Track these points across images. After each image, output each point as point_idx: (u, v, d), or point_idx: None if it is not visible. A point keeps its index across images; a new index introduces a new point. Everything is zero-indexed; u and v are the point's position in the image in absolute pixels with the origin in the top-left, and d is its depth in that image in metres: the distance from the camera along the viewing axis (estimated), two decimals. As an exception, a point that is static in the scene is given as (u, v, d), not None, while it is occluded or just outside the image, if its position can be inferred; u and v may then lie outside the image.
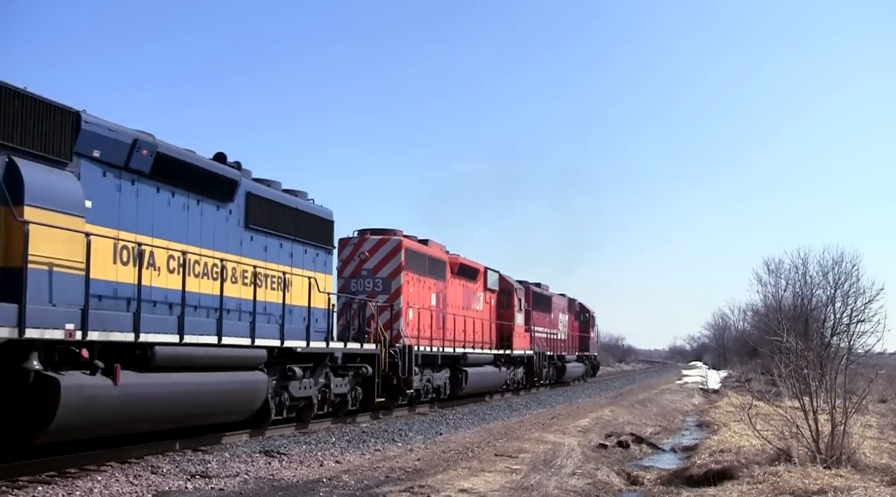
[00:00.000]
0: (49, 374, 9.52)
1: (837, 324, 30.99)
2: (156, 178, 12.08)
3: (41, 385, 9.42)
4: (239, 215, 14.19)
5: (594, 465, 13.68)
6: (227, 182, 13.75)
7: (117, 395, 10.40)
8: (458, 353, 24.17)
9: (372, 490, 10.03)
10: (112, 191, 11.32)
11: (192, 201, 13.00)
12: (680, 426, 24.17)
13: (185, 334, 11.87)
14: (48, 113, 10.11)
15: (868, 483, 10.77)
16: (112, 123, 11.28)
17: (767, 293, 47.23)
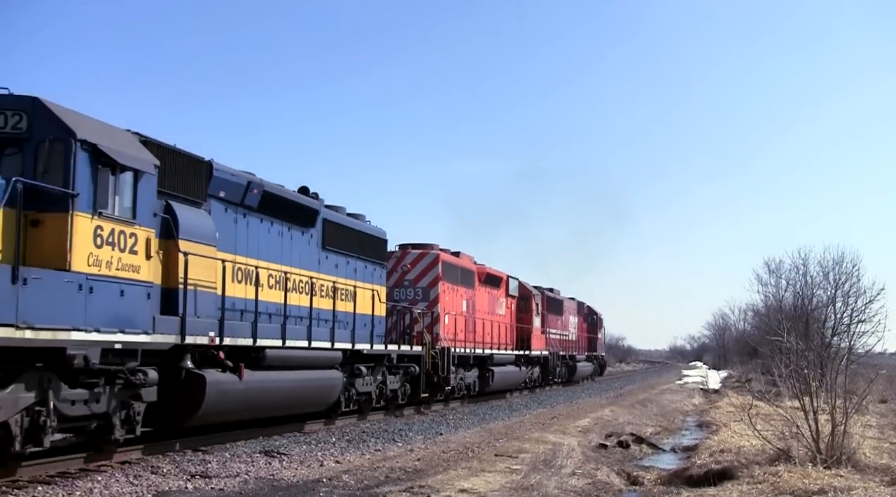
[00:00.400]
0: (198, 372, 12.20)
1: (838, 324, 31.03)
2: (261, 212, 14.68)
3: (192, 380, 12.10)
4: (318, 238, 16.82)
5: (594, 465, 13.68)
6: (311, 211, 16.48)
7: (241, 388, 13.07)
8: (486, 354, 26.58)
9: (372, 490, 10.03)
10: (231, 223, 13.86)
11: (285, 228, 15.59)
12: (680, 426, 24.17)
13: (287, 339, 14.62)
14: (191, 164, 12.66)
15: (868, 483, 10.77)
16: (232, 169, 13.86)
17: (768, 293, 47.26)
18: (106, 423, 10.71)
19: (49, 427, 9.62)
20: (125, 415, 11.02)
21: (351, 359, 17.19)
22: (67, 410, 10.03)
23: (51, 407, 9.65)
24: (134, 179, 10.86)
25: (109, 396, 10.67)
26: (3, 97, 10.02)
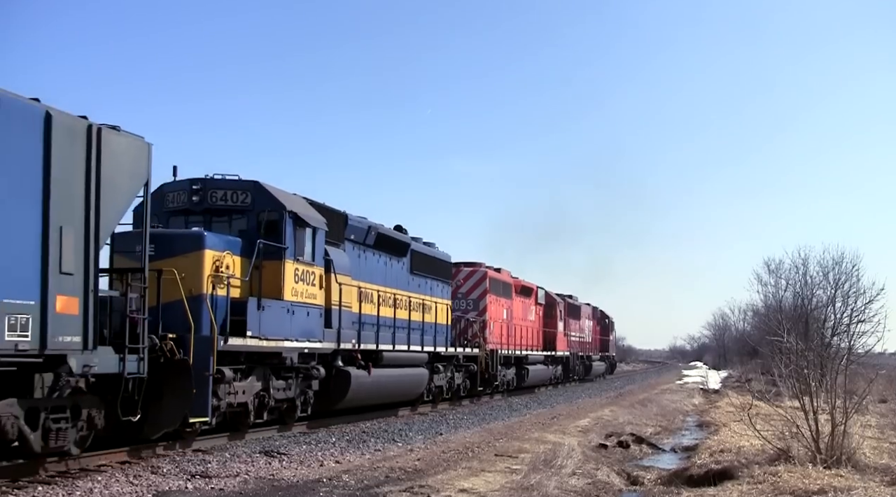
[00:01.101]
0: (345, 369, 16.75)
1: (838, 324, 30.92)
2: (375, 248, 19.20)
3: (341, 375, 16.58)
4: (408, 265, 21.11)
5: (594, 465, 13.68)
6: (404, 245, 21.00)
7: (370, 381, 17.71)
8: (522, 355, 31.23)
9: (372, 490, 10.03)
10: (356, 258, 18.16)
11: (388, 259, 20.01)
12: (680, 426, 24.18)
13: (395, 344, 19.31)
14: (336, 217, 17.06)
15: (868, 483, 10.78)
16: (358, 217, 18.34)
17: (768, 293, 47.32)
18: (290, 405, 15.20)
19: (267, 406, 14.25)
20: (303, 399, 15.49)
21: (431, 359, 21.74)
22: (277, 395, 14.58)
23: (270, 392, 14.27)
24: (313, 234, 15.21)
25: (296, 386, 15.21)
26: (234, 181, 14.35)
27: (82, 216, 9.68)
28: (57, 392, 9.65)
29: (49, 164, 9.16)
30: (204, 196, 14.21)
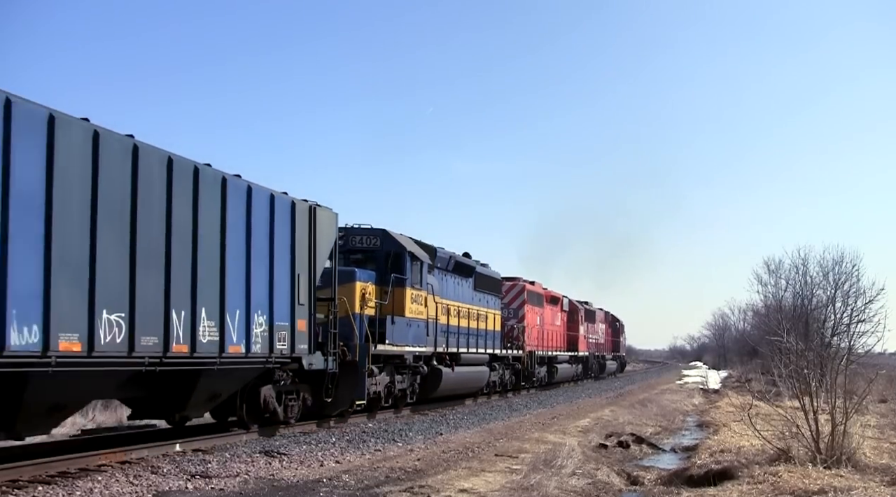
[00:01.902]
0: (438, 367, 21.60)
1: (838, 324, 30.96)
2: (452, 272, 23.96)
3: (434, 372, 21.37)
4: (472, 283, 25.83)
5: (594, 466, 13.68)
6: (471, 268, 25.81)
7: (453, 376, 22.46)
8: (552, 355, 36.32)
9: (372, 490, 10.03)
10: (441, 280, 22.67)
11: (461, 279, 24.75)
12: (680, 426, 24.18)
13: (468, 348, 24.09)
14: (431, 250, 21.68)
15: (868, 483, 10.77)
16: (442, 248, 22.86)
17: (767, 293, 47.22)
18: (403, 393, 20.11)
19: (393, 394, 19.48)
20: (411, 389, 20.49)
21: (490, 359, 26.62)
22: (398, 386, 19.64)
23: (395, 384, 19.44)
24: (421, 266, 20.31)
25: (408, 379, 20.26)
26: (368, 228, 19.40)
27: (307, 266, 14.82)
28: (289, 381, 15.10)
29: (294, 235, 14.39)
30: (347, 240, 18.78)
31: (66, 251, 9.53)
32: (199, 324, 11.86)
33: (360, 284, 17.77)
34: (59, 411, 10.80)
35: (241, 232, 12.87)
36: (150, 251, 10.89)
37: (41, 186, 9.22)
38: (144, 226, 10.73)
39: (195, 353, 11.73)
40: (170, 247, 11.28)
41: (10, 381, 9.28)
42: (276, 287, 13.70)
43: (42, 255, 9.21)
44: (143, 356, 10.80)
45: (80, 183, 9.78)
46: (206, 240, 11.95)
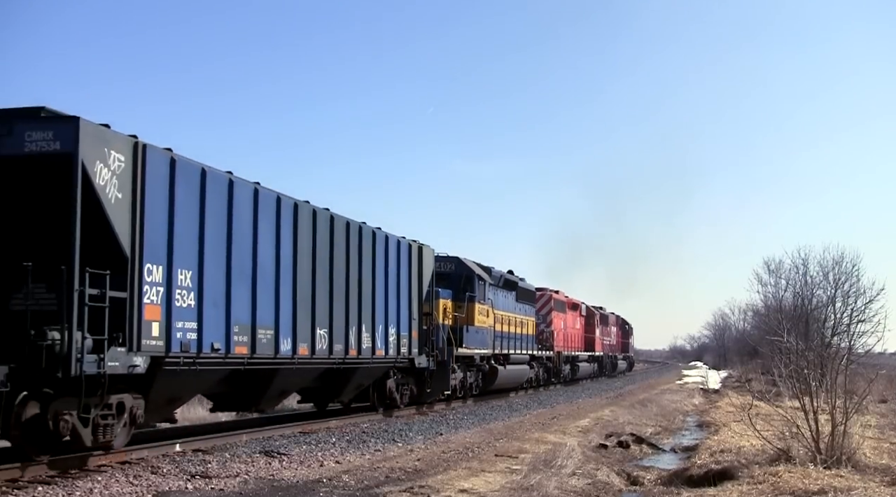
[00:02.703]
0: (496, 365, 26.24)
1: (838, 324, 30.99)
2: (502, 287, 28.63)
3: (492, 369, 26.01)
4: (514, 296, 30.38)
5: (594, 466, 13.68)
6: (514, 283, 30.52)
7: (505, 373, 27.26)
8: (574, 355, 41.29)
9: (372, 490, 10.03)
10: (494, 294, 27.24)
11: (507, 293, 29.34)
12: (680, 426, 24.18)
13: (514, 350, 29.30)
14: (487, 269, 26.56)
15: (868, 483, 10.77)
16: (494, 268, 27.80)
17: (768, 293, 47.33)
18: (470, 387, 24.86)
19: (465, 387, 24.13)
20: (475, 384, 25.28)
21: (529, 359, 31.77)
22: (468, 380, 24.44)
23: (467, 380, 24.24)
24: (485, 284, 25.64)
25: (475, 375, 25.19)
26: (445, 256, 24.18)
27: (417, 288, 20.13)
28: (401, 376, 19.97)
29: (410, 267, 19.60)
30: None
31: (302, 294, 14.61)
32: (362, 336, 17.09)
33: (443, 301, 22.79)
34: (283, 394, 16.22)
35: (382, 269, 18.15)
36: (339, 289, 16.05)
37: (291, 256, 14.29)
38: (337, 273, 15.99)
39: (359, 355, 16.90)
40: (349, 284, 16.48)
41: (268, 374, 14.06)
42: (401, 306, 19.13)
43: (291, 298, 14.27)
44: (336, 358, 15.88)
45: (308, 253, 14.93)
46: (365, 278, 17.23)
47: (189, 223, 11.71)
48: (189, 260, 11.72)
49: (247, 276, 13.01)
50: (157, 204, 11.08)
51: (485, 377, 25.99)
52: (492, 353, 26.29)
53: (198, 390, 13.51)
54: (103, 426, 10.53)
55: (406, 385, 20.34)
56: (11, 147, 9.93)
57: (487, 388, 26.49)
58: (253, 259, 13.15)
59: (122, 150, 10.52)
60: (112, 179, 10.31)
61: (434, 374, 21.31)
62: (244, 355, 12.88)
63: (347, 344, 16.27)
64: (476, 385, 25.42)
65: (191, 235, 11.77)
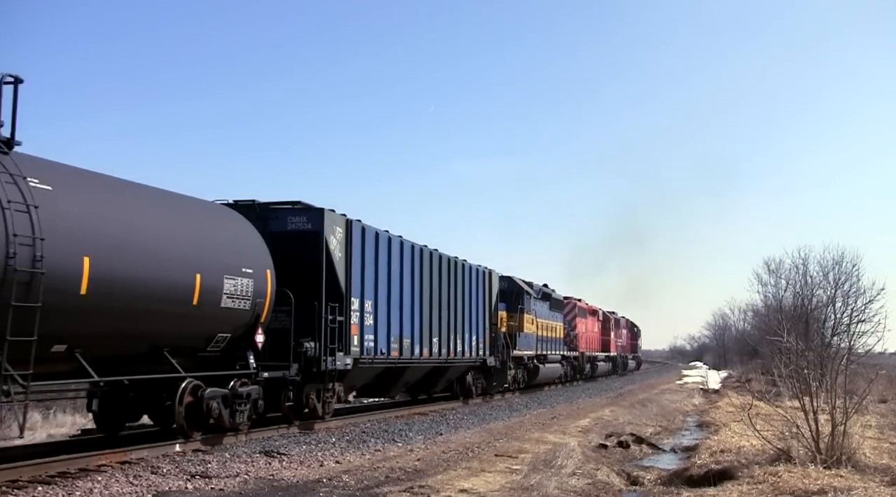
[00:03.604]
0: (538, 364, 32.42)
1: (838, 324, 30.96)
2: (540, 299, 33.46)
3: (535, 366, 32.09)
4: (548, 305, 35.33)
5: (594, 466, 13.67)
6: (549, 294, 35.64)
7: (544, 370, 33.33)
8: (594, 355, 47.05)
9: (372, 490, 10.02)
10: (533, 304, 31.83)
11: (543, 303, 33.97)
12: (680, 426, 24.17)
13: (550, 350, 34.87)
14: (529, 284, 31.83)
15: (868, 483, 10.77)
16: (536, 284, 33.19)
17: (768, 293, 47.28)
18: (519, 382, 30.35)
19: (516, 381, 29.89)
20: (522, 379, 30.64)
21: (561, 359, 37.24)
22: (518, 376, 30.03)
23: (518, 376, 30.21)
24: (530, 297, 30.98)
25: (522, 371, 30.68)
26: (503, 276, 28.59)
27: (487, 305, 25.74)
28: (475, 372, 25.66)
29: (484, 289, 25.46)
30: None
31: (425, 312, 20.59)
32: (456, 342, 22.87)
33: (501, 313, 27.98)
34: (405, 385, 21.86)
35: (467, 291, 23.91)
36: (443, 307, 21.96)
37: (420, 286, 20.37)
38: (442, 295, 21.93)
39: (454, 357, 22.79)
40: (448, 303, 22.34)
41: (402, 370, 19.93)
42: (478, 319, 24.94)
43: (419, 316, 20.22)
44: (441, 359, 21.89)
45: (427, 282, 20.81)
46: (458, 298, 23.19)
47: (370, 268, 17.45)
48: (370, 293, 17.42)
49: (397, 303, 18.90)
50: (356, 257, 16.80)
51: (529, 373, 31.82)
52: (535, 354, 32.14)
53: (363, 381, 18.70)
54: (326, 401, 16.39)
55: (479, 379, 26.36)
56: (280, 226, 15.48)
57: (531, 382, 32.51)
58: (400, 290, 19.10)
59: (340, 225, 16.23)
60: (336, 245, 15.99)
61: (497, 371, 27.15)
62: (396, 357, 18.98)
63: (448, 348, 22.24)
64: (523, 379, 31.23)
65: (371, 276, 17.48)
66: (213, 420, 13.02)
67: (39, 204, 9.59)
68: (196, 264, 12.24)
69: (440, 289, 21.64)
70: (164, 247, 11.71)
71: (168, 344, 12.19)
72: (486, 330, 25.51)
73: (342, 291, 16.00)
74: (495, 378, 27.33)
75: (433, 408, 22.40)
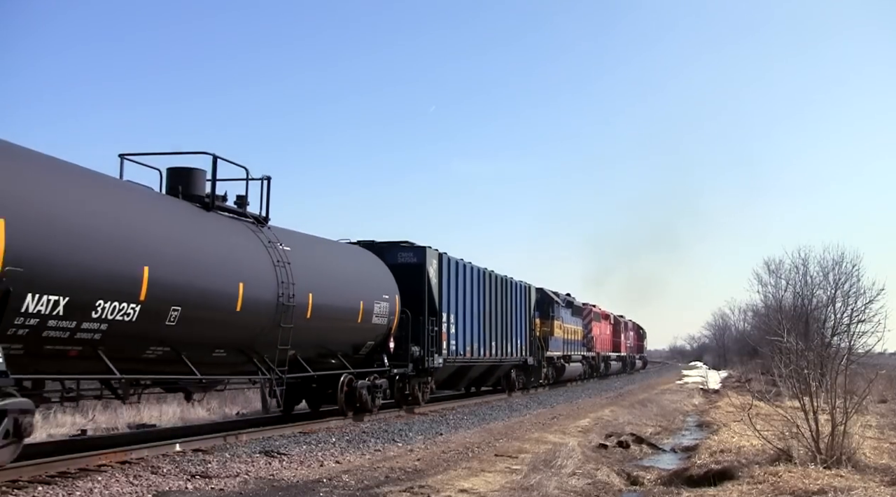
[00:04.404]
0: (564, 364, 37.68)
1: (838, 324, 30.90)
2: (565, 306, 38.75)
3: (562, 365, 37.25)
4: (571, 311, 40.20)
5: (594, 466, 13.67)
6: (571, 302, 40.83)
7: (569, 368, 38.75)
8: (607, 355, 52.26)
9: (372, 490, 10.02)
10: (561, 312, 37.61)
11: (566, 309, 39.01)
12: (680, 426, 24.17)
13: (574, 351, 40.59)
14: (557, 294, 37.75)
15: (868, 483, 10.77)
16: (561, 294, 39.16)
17: (768, 293, 47.19)
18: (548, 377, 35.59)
19: (547, 378, 35.27)
20: (552, 376, 36.06)
21: (581, 358, 42.17)
22: (549, 373, 35.50)
23: (549, 373, 35.57)
24: (558, 306, 36.57)
25: (549, 369, 35.53)
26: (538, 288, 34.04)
27: (527, 313, 31.18)
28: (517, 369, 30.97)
29: (525, 301, 30.79)
30: None
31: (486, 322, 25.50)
32: (506, 345, 27.88)
33: (536, 320, 32.78)
34: (468, 380, 27.10)
35: (513, 303, 28.96)
36: (498, 316, 26.88)
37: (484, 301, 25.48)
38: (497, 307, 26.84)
39: (505, 357, 27.85)
40: (501, 313, 27.28)
41: (469, 368, 25.09)
42: (521, 325, 29.99)
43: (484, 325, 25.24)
44: (496, 359, 26.95)
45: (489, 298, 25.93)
46: (507, 309, 28.04)
47: (453, 289, 22.55)
48: (453, 308, 22.55)
49: (469, 314, 23.94)
50: (444, 282, 21.85)
51: (557, 371, 36.63)
52: (562, 354, 37.26)
53: (442, 377, 23.40)
54: (424, 391, 21.63)
55: (520, 376, 31.51)
56: (392, 260, 20.06)
57: (559, 379, 37.35)
58: (471, 305, 24.19)
59: (435, 258, 21.31)
60: (433, 273, 21.22)
61: (534, 369, 32.46)
62: (468, 358, 24.07)
63: (500, 350, 27.23)
64: (552, 376, 36.11)
65: (453, 295, 22.62)
66: (359, 404, 17.83)
67: (290, 261, 14.23)
68: (361, 294, 17.47)
69: (496, 302, 26.72)
70: (347, 283, 17.14)
71: (340, 349, 17.32)
72: (526, 334, 30.70)
73: (437, 308, 21.18)
74: (532, 375, 32.73)
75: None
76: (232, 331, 13.07)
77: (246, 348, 13.69)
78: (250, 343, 13.66)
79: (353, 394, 17.52)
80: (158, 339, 11.53)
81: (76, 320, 9.77)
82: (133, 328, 10.72)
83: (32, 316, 9.17)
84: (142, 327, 10.90)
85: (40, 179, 9.73)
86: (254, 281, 13.21)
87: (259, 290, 13.32)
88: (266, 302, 13.54)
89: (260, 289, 13.35)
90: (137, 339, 11.14)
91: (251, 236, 13.90)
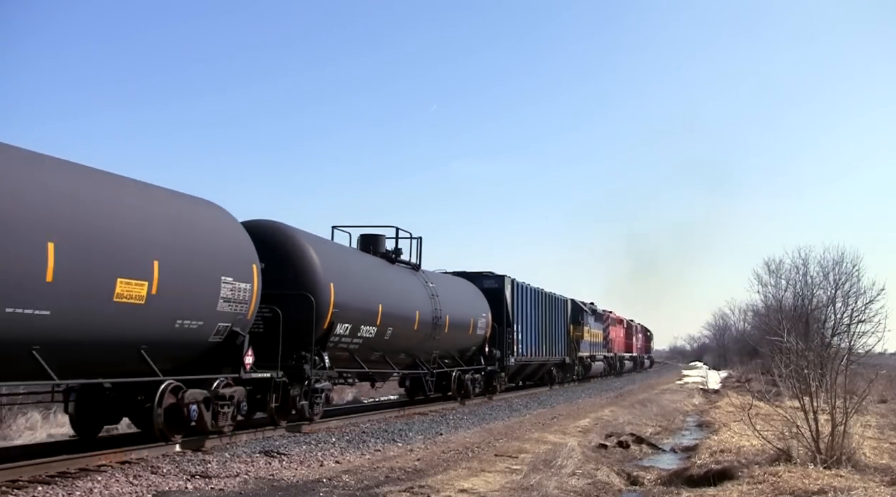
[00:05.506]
0: (590, 362, 44.87)
1: (838, 324, 30.98)
2: (590, 313, 44.65)
3: (588, 364, 44.49)
4: (594, 317, 45.94)
5: (594, 466, 13.67)
6: (594, 309, 47.03)
7: (594, 367, 46.10)
8: (622, 355, 57.86)
9: (372, 490, 10.02)
10: (587, 318, 43.82)
11: (591, 315, 44.74)
12: (680, 426, 24.17)
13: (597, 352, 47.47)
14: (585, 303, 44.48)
15: (868, 483, 10.77)
16: (588, 303, 45.49)
17: (768, 293, 47.24)
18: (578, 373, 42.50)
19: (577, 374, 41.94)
20: (581, 373, 42.87)
21: (602, 358, 47.60)
22: (578, 371, 42.13)
23: (579, 371, 42.00)
24: (585, 314, 42.93)
25: (579, 367, 41.94)
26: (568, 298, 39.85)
27: (565, 321, 38.12)
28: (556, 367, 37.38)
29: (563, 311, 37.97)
30: None
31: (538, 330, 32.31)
32: (552, 347, 34.28)
33: (570, 326, 38.45)
34: (524, 376, 34.20)
35: (556, 314, 35.14)
36: (547, 325, 33.53)
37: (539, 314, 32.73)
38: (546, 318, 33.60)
39: (550, 357, 34.07)
40: (548, 323, 33.67)
41: (526, 366, 32.19)
42: (561, 331, 36.06)
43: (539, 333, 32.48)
44: (545, 359, 33.51)
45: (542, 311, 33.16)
46: (552, 319, 34.27)
47: (519, 305, 29.03)
48: (519, 320, 28.88)
49: (529, 323, 30.47)
50: (513, 300, 28.37)
51: (585, 369, 43.07)
52: (589, 355, 43.65)
53: (511, 372, 29.19)
54: (499, 383, 27.60)
55: (559, 372, 37.43)
56: (481, 286, 26.45)
57: (586, 375, 43.78)
58: (530, 316, 30.60)
59: (509, 283, 28.09)
60: (508, 294, 27.87)
61: (568, 366, 38.57)
62: (529, 358, 30.63)
63: (548, 351, 33.57)
64: (581, 373, 42.12)
65: (519, 310, 29.02)
66: (463, 391, 24.24)
67: (437, 294, 21.41)
68: (471, 313, 24.37)
69: (545, 313, 33.25)
70: (464, 306, 23.99)
71: (457, 352, 23.78)
72: (564, 338, 36.96)
73: (510, 320, 27.92)
74: (567, 371, 38.82)
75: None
76: (411, 341, 20.18)
77: (415, 352, 20.90)
78: (418, 349, 20.91)
79: (462, 384, 24.13)
80: (378, 348, 18.36)
81: (351, 336, 17.05)
82: (371, 341, 17.83)
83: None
84: (374, 341, 17.98)
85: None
86: (422, 309, 20.43)
87: (424, 314, 20.49)
88: (427, 322, 20.68)
89: (424, 313, 20.49)
90: (368, 348, 17.90)
91: (417, 278, 21.13)
